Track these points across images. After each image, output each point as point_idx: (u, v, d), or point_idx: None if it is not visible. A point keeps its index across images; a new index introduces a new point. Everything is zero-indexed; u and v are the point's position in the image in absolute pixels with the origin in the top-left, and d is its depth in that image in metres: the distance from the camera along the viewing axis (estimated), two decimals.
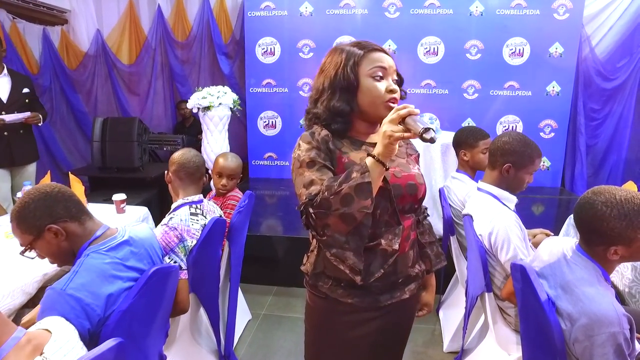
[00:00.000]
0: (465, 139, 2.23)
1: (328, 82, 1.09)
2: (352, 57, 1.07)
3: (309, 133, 1.09)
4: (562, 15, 4.09)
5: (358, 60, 1.07)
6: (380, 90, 1.06)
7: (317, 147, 1.06)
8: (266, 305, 2.71)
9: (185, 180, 1.67)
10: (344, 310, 1.11)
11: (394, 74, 1.09)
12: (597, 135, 4.46)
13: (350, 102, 1.08)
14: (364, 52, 1.08)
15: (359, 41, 1.12)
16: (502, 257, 1.57)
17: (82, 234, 1.15)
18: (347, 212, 0.93)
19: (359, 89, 1.07)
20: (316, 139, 1.06)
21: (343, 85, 1.07)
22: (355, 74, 1.06)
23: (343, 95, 1.07)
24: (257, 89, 4.52)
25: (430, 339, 2.40)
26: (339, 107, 1.07)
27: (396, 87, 1.07)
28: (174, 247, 1.48)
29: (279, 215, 3.47)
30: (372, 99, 1.06)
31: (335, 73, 1.07)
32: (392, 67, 1.09)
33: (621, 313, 1.03)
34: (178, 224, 1.52)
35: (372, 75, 1.06)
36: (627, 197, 1.08)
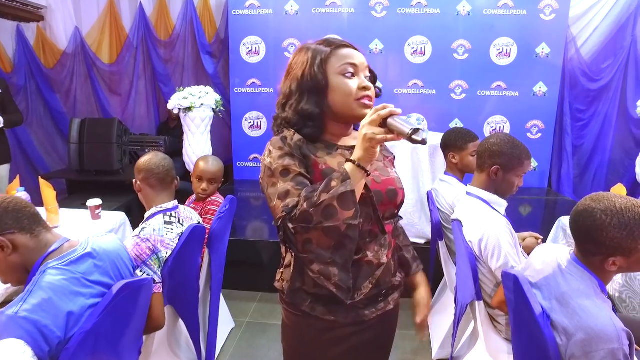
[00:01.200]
0: (454, 141, 2.18)
1: (295, 84, 1.01)
2: (319, 55, 0.99)
3: (279, 138, 1.00)
4: (549, 16, 4.08)
5: (325, 57, 0.99)
6: (352, 87, 0.98)
7: (290, 153, 0.97)
8: (250, 312, 2.63)
9: (156, 187, 1.57)
10: (325, 328, 1.03)
11: (365, 70, 1.02)
12: (583, 135, 4.48)
13: (321, 104, 0.99)
14: (332, 49, 1.00)
15: (326, 38, 1.04)
16: (493, 265, 1.52)
17: (35, 248, 1.05)
18: (331, 225, 0.85)
19: (328, 89, 0.99)
20: (288, 144, 0.98)
21: (311, 86, 0.99)
22: (324, 72, 0.98)
23: (312, 96, 0.99)
24: (242, 89, 4.43)
25: (419, 346, 2.34)
26: (308, 109, 0.99)
27: (369, 84, 1.00)
28: (146, 259, 1.39)
29: (264, 219, 3.39)
30: (344, 98, 0.98)
31: (303, 73, 1.00)
32: (364, 64, 1.01)
33: (620, 328, 0.98)
34: (151, 234, 1.43)
35: (342, 73, 0.98)
36: (628, 205, 1.03)
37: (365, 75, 1.02)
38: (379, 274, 1.01)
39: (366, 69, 1.02)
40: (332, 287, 0.92)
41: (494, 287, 1.59)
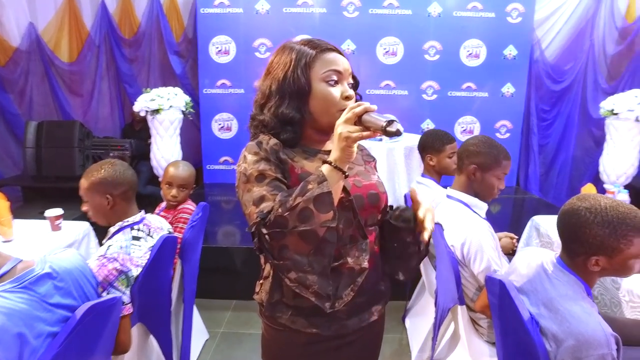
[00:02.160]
0: (431, 143, 2.17)
1: (276, 85, 0.96)
2: (304, 58, 0.94)
3: (255, 143, 0.95)
4: (515, 19, 4.18)
5: (310, 61, 0.94)
6: (335, 96, 0.94)
7: (266, 157, 0.92)
8: (224, 322, 2.53)
9: (131, 199, 1.46)
10: (307, 341, 0.98)
11: (349, 77, 0.98)
12: (548, 135, 4.62)
13: (301, 109, 0.95)
14: (317, 52, 0.95)
15: (311, 39, 0.99)
16: (475, 269, 1.51)
17: None
18: (307, 229, 0.80)
19: (310, 94, 0.94)
20: (264, 149, 0.93)
21: (293, 90, 0.94)
22: (307, 77, 0.94)
23: (293, 101, 0.95)
24: (211, 90, 4.31)
25: (398, 349, 2.32)
26: (288, 114, 0.94)
27: (352, 93, 0.96)
28: (113, 281, 1.27)
29: (237, 224, 3.29)
30: (326, 106, 0.94)
31: (285, 75, 0.95)
32: (348, 70, 0.97)
33: (609, 333, 0.98)
34: (118, 252, 1.32)
35: (325, 80, 0.94)
36: (612, 204, 1.05)
37: (348, 82, 0.98)
38: (361, 281, 0.95)
39: (350, 76, 0.99)
40: (311, 296, 0.88)
41: (476, 291, 1.58)
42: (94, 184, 1.41)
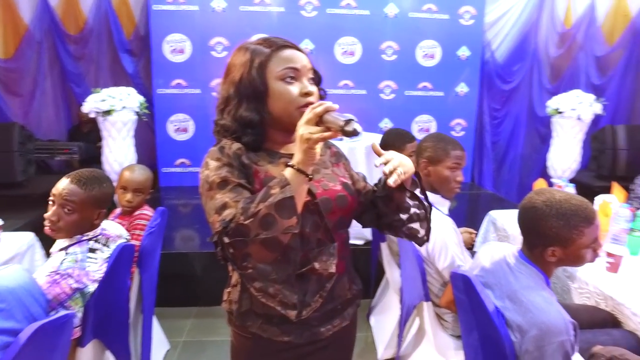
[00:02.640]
0: (392, 142, 2.20)
1: (233, 88, 0.93)
2: (258, 58, 0.92)
3: (217, 148, 0.92)
4: (468, 21, 4.34)
5: (265, 60, 0.92)
6: (293, 94, 0.91)
7: (229, 163, 0.89)
8: (186, 330, 2.44)
9: None
10: (278, 349, 0.95)
11: (309, 73, 0.95)
12: (499, 133, 4.84)
13: (260, 110, 0.92)
14: (272, 50, 0.92)
15: (267, 37, 0.96)
16: (440, 265, 1.53)
17: None
18: (270, 236, 0.77)
19: (268, 95, 0.92)
20: (226, 154, 0.90)
21: (250, 92, 0.92)
22: (263, 77, 0.92)
23: (251, 102, 0.92)
24: (166, 90, 4.15)
25: (364, 347, 2.33)
26: (247, 116, 0.92)
27: (312, 89, 0.94)
28: (65, 300, 1.17)
29: (196, 228, 3.19)
30: (285, 105, 0.91)
31: (241, 77, 0.93)
32: (306, 66, 0.95)
33: (568, 320, 1.03)
34: (72, 268, 1.21)
35: (282, 78, 0.91)
36: (565, 197, 1.10)
37: (308, 78, 0.95)
38: (329, 287, 0.94)
39: (309, 71, 0.96)
40: (276, 305, 0.87)
41: (441, 287, 1.61)
42: (95, 198, 1.30)
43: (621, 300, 1.51)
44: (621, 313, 1.52)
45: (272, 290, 0.85)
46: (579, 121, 3.29)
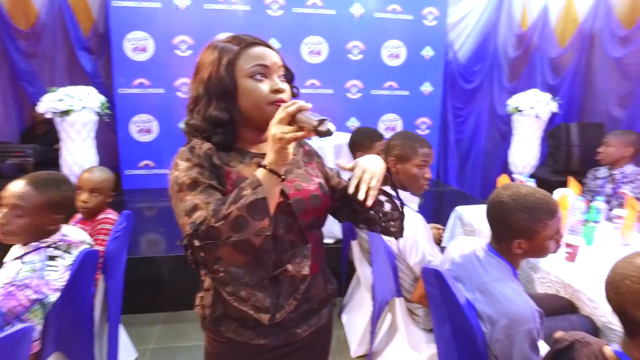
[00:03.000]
0: (361, 140, 2.22)
1: (202, 87, 0.92)
2: (227, 56, 0.90)
3: (187, 148, 0.90)
4: (431, 22, 4.45)
5: (233, 58, 0.90)
6: (263, 91, 0.90)
7: (199, 164, 0.87)
8: (154, 337, 2.37)
9: None
10: (255, 353, 0.94)
11: (279, 70, 0.94)
12: (463, 130, 4.98)
13: (230, 109, 0.91)
14: (241, 47, 0.91)
15: (237, 35, 0.94)
16: (411, 261, 1.56)
17: None
18: (242, 238, 0.76)
19: (237, 93, 0.90)
20: (197, 155, 0.88)
21: (219, 90, 0.90)
22: (232, 75, 0.90)
23: (220, 101, 0.91)
24: (127, 89, 4.00)
25: (337, 345, 2.34)
26: (216, 116, 0.90)
27: (283, 86, 0.92)
28: (22, 312, 1.10)
29: (162, 231, 3.10)
30: (255, 103, 0.90)
31: (209, 76, 0.91)
32: (277, 63, 0.93)
33: (534, 309, 1.07)
34: (30, 278, 1.14)
35: (251, 76, 0.90)
36: (530, 191, 1.15)
37: (279, 75, 0.94)
38: (303, 288, 0.94)
39: (280, 69, 0.94)
40: (249, 309, 0.85)
41: (412, 282, 1.64)
42: (50, 202, 1.22)
43: (578, 287, 1.59)
44: (579, 299, 1.60)
45: (244, 294, 0.84)
46: (537, 119, 3.44)
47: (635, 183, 2.61)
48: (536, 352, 1.07)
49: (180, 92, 4.07)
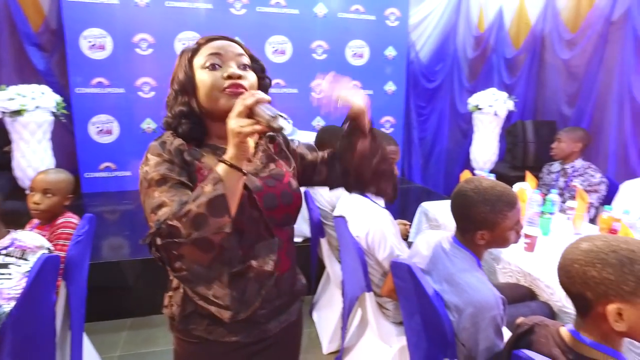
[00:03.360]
0: (328, 139, 2.23)
1: (173, 87, 0.96)
2: (186, 54, 0.94)
3: (158, 143, 0.89)
4: (393, 22, 4.53)
5: (192, 55, 0.93)
6: (214, 78, 0.89)
7: (170, 160, 0.87)
8: (121, 344, 2.29)
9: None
10: (226, 351, 0.93)
11: (239, 58, 0.93)
12: (426, 129, 5.11)
13: (191, 102, 0.92)
14: (199, 44, 0.94)
15: (204, 36, 0.97)
16: (380, 256, 1.60)
17: None
18: (201, 236, 0.75)
19: (195, 86, 0.91)
20: (168, 150, 0.88)
21: (182, 87, 0.93)
22: (190, 70, 0.92)
23: (183, 96, 0.93)
24: (85, 89, 3.82)
25: (308, 343, 2.35)
26: (179, 109, 0.92)
27: (238, 72, 0.90)
28: None
29: (126, 235, 3.00)
30: (208, 91, 0.89)
31: (175, 76, 0.95)
32: (234, 51, 0.92)
33: (498, 296, 1.12)
34: None
35: (205, 66, 0.91)
36: (491, 185, 1.20)
37: (239, 63, 0.92)
38: (271, 284, 0.93)
39: (239, 57, 0.93)
40: (211, 307, 0.85)
41: (381, 277, 1.68)
42: None
43: (537, 275, 1.69)
44: (537, 287, 1.70)
45: (206, 292, 0.83)
46: (496, 117, 3.59)
47: (585, 176, 2.78)
48: (500, 338, 1.12)
49: (141, 92, 3.94)
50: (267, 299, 0.94)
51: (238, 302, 0.88)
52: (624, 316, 0.81)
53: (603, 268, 0.82)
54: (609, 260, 0.82)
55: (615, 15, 3.33)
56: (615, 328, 0.82)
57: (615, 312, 0.81)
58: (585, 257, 0.85)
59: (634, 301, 0.80)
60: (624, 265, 0.81)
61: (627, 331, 0.82)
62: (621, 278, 0.80)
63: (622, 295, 0.81)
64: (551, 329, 0.96)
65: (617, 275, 0.81)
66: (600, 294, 0.83)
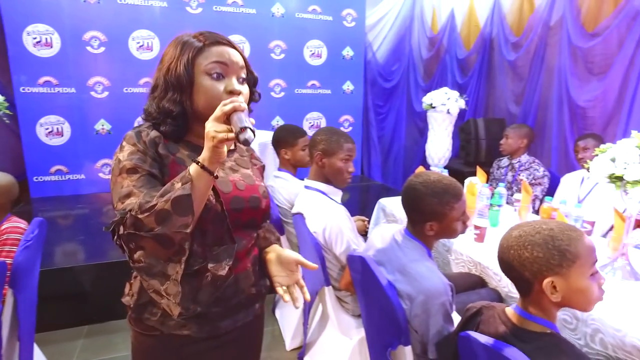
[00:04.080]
0: (284, 138, 2.26)
1: (161, 77, 0.93)
2: (188, 51, 0.91)
3: (134, 133, 0.90)
4: (350, 23, 4.62)
5: (194, 54, 0.91)
6: (217, 90, 0.91)
7: (143, 150, 0.88)
8: (77, 352, 2.22)
9: None
10: (179, 344, 0.95)
11: (240, 71, 0.94)
12: (384, 127, 5.24)
13: (184, 103, 0.92)
14: (204, 44, 0.92)
15: (204, 32, 0.95)
16: (337, 250, 1.64)
17: None
18: (162, 232, 0.77)
19: (193, 88, 0.91)
20: (143, 141, 0.89)
21: (175, 83, 0.91)
22: (190, 70, 0.91)
23: (175, 94, 0.92)
24: (31, 88, 3.65)
25: (271, 340, 2.37)
26: (168, 107, 0.91)
27: (239, 88, 0.92)
28: None
29: (80, 240, 2.90)
30: (209, 101, 0.90)
31: (168, 68, 0.92)
32: (238, 64, 0.94)
33: (446, 283, 1.19)
34: None
35: (208, 73, 0.91)
36: (438, 178, 1.28)
37: (239, 76, 0.94)
38: (225, 285, 0.94)
39: (241, 70, 0.94)
40: (163, 301, 0.87)
41: (339, 271, 1.72)
42: None
43: (486, 264, 1.79)
44: (487, 275, 1.80)
45: (159, 286, 0.85)
46: (449, 115, 3.74)
47: (530, 170, 2.96)
48: (450, 322, 1.19)
49: (94, 92, 3.80)
50: (223, 298, 0.95)
51: (189, 301, 0.89)
52: (558, 287, 0.91)
53: (533, 248, 0.92)
54: (536, 241, 0.92)
55: (553, 20, 3.55)
56: (553, 299, 0.92)
57: (550, 285, 0.91)
58: (517, 242, 0.94)
59: (561, 272, 0.91)
60: (547, 242, 0.91)
61: (562, 301, 0.93)
62: (548, 254, 0.91)
63: (552, 269, 0.91)
64: (497, 310, 1.04)
65: (544, 252, 0.91)
66: (535, 272, 0.92)
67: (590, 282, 0.93)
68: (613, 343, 1.27)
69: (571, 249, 0.90)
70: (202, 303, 0.91)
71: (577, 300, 0.94)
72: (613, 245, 1.77)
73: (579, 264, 0.91)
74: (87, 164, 3.90)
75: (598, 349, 1.32)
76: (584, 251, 0.91)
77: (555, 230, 0.93)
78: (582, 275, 0.91)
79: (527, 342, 0.94)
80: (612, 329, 1.27)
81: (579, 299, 0.93)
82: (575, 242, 0.91)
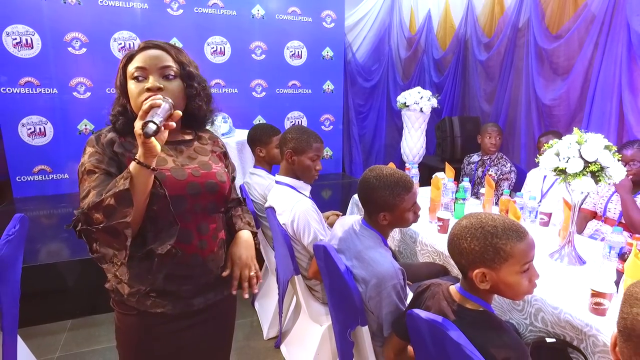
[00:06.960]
0: (259, 136, 2.35)
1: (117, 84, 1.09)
2: (123, 61, 1.05)
3: (94, 136, 1.03)
4: (330, 24, 4.72)
5: (125, 63, 1.05)
6: (135, 91, 1.02)
7: (101, 152, 1.00)
8: (60, 345, 2.29)
9: None
10: (156, 322, 1.06)
11: (162, 70, 1.02)
12: (365, 126, 5.35)
13: (127, 105, 1.06)
14: (134, 53, 1.05)
15: (146, 40, 1.08)
16: (305, 241, 1.75)
17: None
18: (110, 224, 0.87)
19: (127, 92, 1.04)
20: (101, 143, 1.01)
21: (119, 90, 1.06)
22: (122, 77, 1.05)
23: (122, 99, 1.06)
24: (12, 89, 3.67)
25: (250, 331, 2.47)
26: (117, 110, 1.06)
27: (155, 84, 1.00)
28: None
29: (63, 237, 2.96)
30: (133, 102, 1.03)
31: (117, 76, 1.07)
32: (157, 64, 1.02)
33: (397, 268, 1.30)
34: None
35: (133, 77, 1.02)
36: (390, 172, 1.38)
37: (163, 74, 1.03)
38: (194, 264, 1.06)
39: (164, 69, 1.03)
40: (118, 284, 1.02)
41: (308, 261, 1.83)
42: None
43: (447, 254, 1.91)
44: (448, 264, 1.93)
45: (114, 270, 1.00)
46: (422, 113, 3.87)
47: (498, 166, 3.11)
48: (402, 303, 1.30)
49: (76, 93, 3.85)
50: (192, 276, 1.07)
51: (138, 281, 1.01)
52: (487, 278, 1.00)
53: (472, 241, 1.01)
54: (477, 235, 1.00)
55: (521, 22, 3.71)
56: (481, 287, 1.02)
57: (480, 274, 1.00)
58: (461, 232, 1.04)
59: (493, 267, 0.99)
60: (486, 238, 0.99)
61: (490, 289, 1.03)
62: (484, 249, 0.99)
63: (484, 262, 1.00)
64: (443, 287, 1.15)
65: (480, 247, 0.99)
66: (470, 262, 1.02)
67: (519, 278, 0.99)
68: (552, 320, 1.40)
69: (506, 249, 0.97)
70: (151, 283, 1.00)
71: (505, 291, 1.02)
72: (563, 234, 1.91)
73: (511, 262, 0.98)
74: (70, 164, 3.94)
75: (540, 326, 1.45)
76: (519, 252, 0.97)
77: (499, 229, 0.99)
78: (513, 272, 0.98)
79: (463, 317, 1.05)
80: (550, 307, 1.40)
81: (507, 291, 1.02)
82: (513, 242, 0.97)
